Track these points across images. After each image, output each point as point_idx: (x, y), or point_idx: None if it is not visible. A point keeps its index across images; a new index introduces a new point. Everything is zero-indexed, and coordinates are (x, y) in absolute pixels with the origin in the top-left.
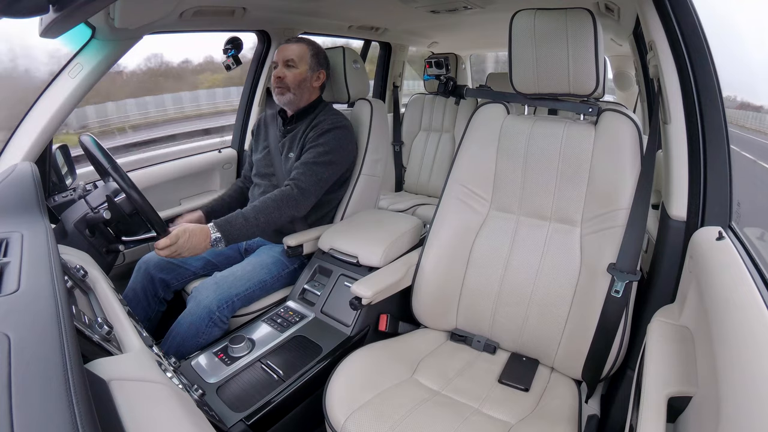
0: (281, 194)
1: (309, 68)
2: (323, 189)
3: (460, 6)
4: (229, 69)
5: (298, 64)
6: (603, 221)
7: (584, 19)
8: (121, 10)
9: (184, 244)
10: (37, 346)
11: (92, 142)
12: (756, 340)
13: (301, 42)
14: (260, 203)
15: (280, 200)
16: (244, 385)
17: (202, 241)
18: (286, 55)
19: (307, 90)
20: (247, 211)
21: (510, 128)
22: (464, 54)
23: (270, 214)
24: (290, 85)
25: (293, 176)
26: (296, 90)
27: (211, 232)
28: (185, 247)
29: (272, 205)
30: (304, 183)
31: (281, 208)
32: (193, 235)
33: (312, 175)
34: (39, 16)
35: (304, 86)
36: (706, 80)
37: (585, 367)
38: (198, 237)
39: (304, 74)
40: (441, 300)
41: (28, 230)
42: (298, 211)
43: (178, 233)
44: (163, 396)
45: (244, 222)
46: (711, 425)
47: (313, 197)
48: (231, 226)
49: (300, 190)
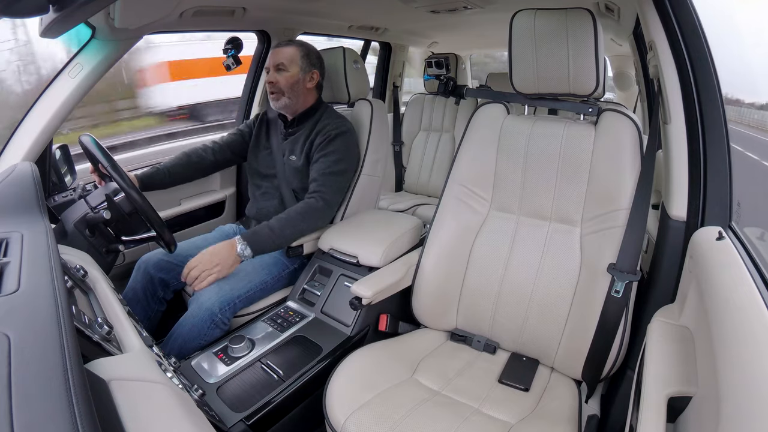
0: (307, 206)
1: (300, 70)
2: (342, 197)
3: (460, 6)
4: (229, 69)
5: (289, 67)
6: (603, 221)
7: (584, 19)
8: (121, 10)
9: (208, 262)
10: (37, 346)
11: (92, 142)
12: (756, 340)
13: (290, 44)
14: (287, 215)
15: (306, 212)
16: (244, 385)
17: (229, 255)
18: (276, 60)
19: (302, 92)
20: (272, 223)
21: (510, 128)
22: (464, 54)
23: (296, 226)
24: (284, 89)
25: (316, 188)
26: (290, 93)
27: (237, 243)
28: (212, 263)
29: (299, 218)
30: (328, 195)
31: (307, 220)
32: (214, 254)
33: (333, 185)
34: (39, 16)
35: (297, 89)
36: (706, 80)
37: (585, 367)
38: (222, 253)
39: (296, 76)
40: (441, 300)
41: (28, 230)
42: (323, 222)
43: (198, 257)
44: (163, 396)
45: (270, 233)
46: (711, 425)
47: (336, 207)
48: (258, 237)
49: (325, 202)
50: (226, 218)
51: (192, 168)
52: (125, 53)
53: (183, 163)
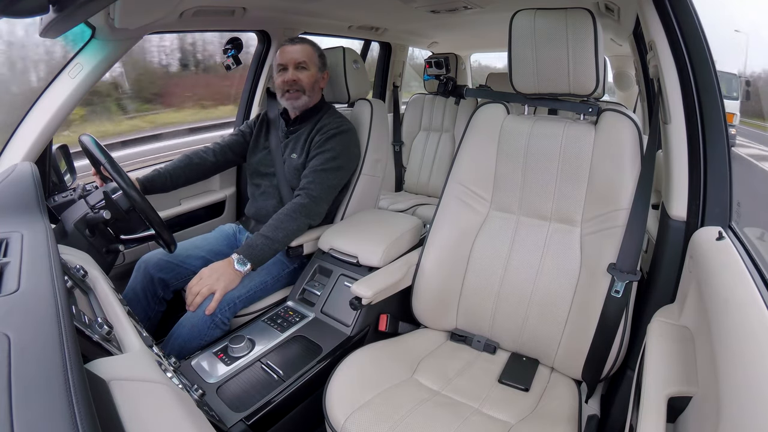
0: (294, 206)
1: (318, 69)
2: (334, 195)
3: (460, 6)
4: (229, 69)
5: (309, 66)
6: (603, 221)
7: (584, 19)
8: (121, 10)
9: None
10: (37, 346)
11: (92, 142)
12: (756, 340)
13: (305, 43)
14: (275, 220)
15: (294, 212)
16: (244, 385)
17: (229, 271)
18: (296, 58)
19: (318, 91)
20: (265, 230)
21: (510, 128)
22: (464, 54)
23: (288, 228)
24: (305, 87)
25: (303, 185)
26: (310, 92)
27: (234, 260)
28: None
29: (287, 219)
30: (315, 191)
31: (297, 219)
32: (214, 269)
33: (322, 182)
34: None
35: (316, 87)
36: (706, 80)
37: (585, 367)
38: (222, 269)
39: (315, 75)
40: (441, 300)
41: (28, 230)
42: (312, 219)
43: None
44: (163, 396)
45: (265, 240)
46: (711, 425)
47: (325, 204)
48: (253, 249)
49: (311, 198)
50: (226, 218)
51: (193, 170)
52: (125, 53)
53: (183, 165)
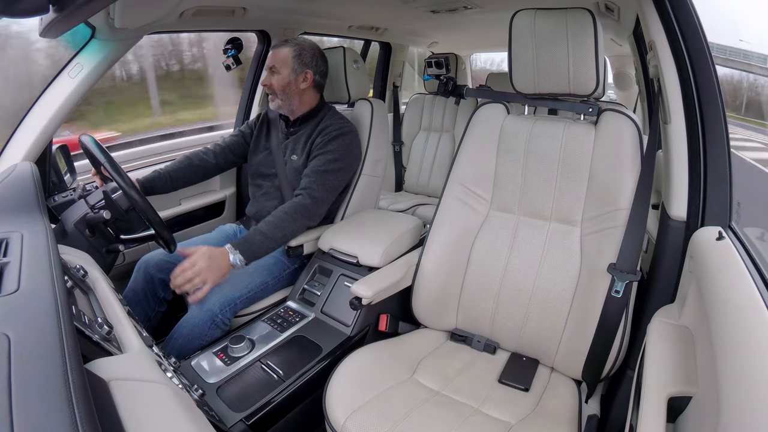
0: (294, 205)
1: (291, 71)
2: (335, 196)
3: (460, 6)
4: (229, 69)
5: (280, 69)
6: (603, 221)
7: (584, 19)
8: (121, 10)
9: (204, 268)
10: (37, 345)
11: (92, 142)
12: (756, 340)
13: (284, 45)
14: (275, 218)
15: (294, 211)
16: (244, 385)
17: (224, 265)
18: (269, 62)
19: (295, 93)
20: (262, 226)
21: (510, 128)
22: (464, 54)
23: (286, 227)
24: (276, 91)
25: (304, 185)
26: (282, 95)
27: (229, 253)
28: (207, 270)
29: (287, 218)
30: (317, 192)
31: (297, 220)
32: (212, 258)
33: (323, 183)
34: (39, 16)
35: (289, 90)
36: (706, 80)
37: (585, 367)
38: (218, 260)
39: (287, 78)
40: (441, 300)
41: (28, 230)
42: (312, 220)
43: (196, 259)
44: (163, 396)
45: (263, 238)
46: (711, 425)
47: (325, 205)
48: (249, 245)
49: (313, 199)
50: (226, 218)
51: (193, 171)
52: (125, 53)
53: (184, 166)
